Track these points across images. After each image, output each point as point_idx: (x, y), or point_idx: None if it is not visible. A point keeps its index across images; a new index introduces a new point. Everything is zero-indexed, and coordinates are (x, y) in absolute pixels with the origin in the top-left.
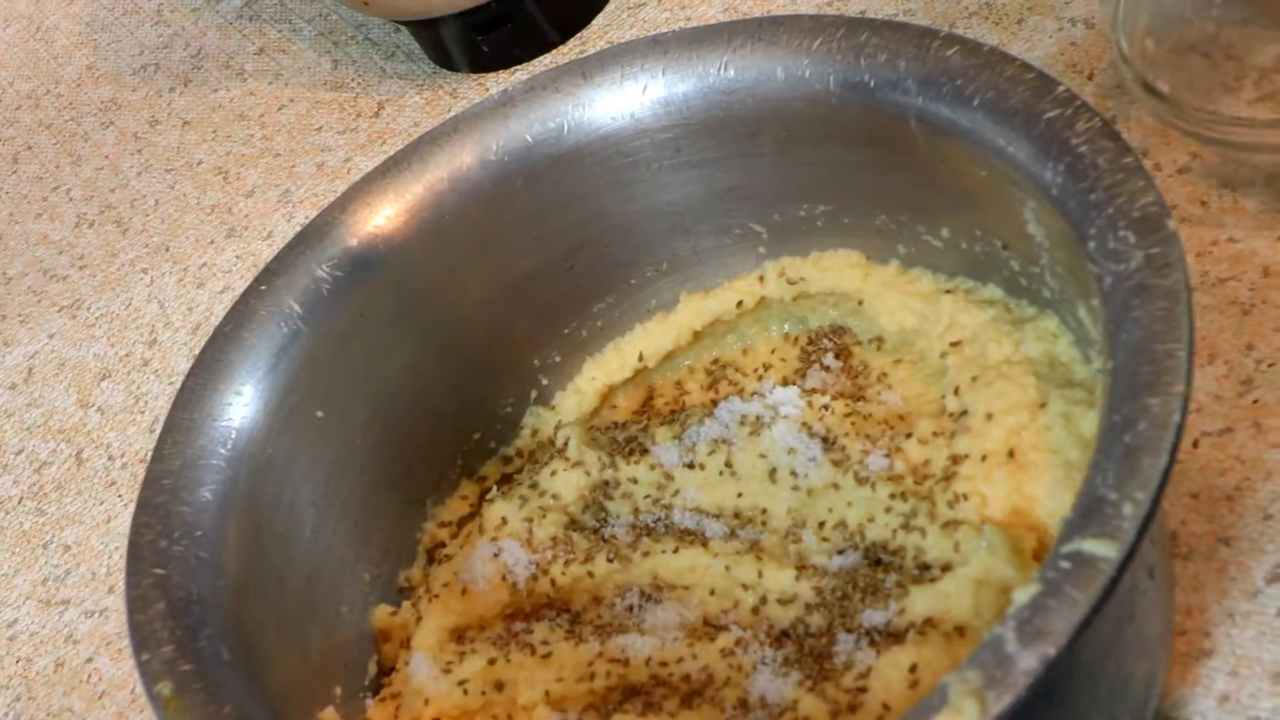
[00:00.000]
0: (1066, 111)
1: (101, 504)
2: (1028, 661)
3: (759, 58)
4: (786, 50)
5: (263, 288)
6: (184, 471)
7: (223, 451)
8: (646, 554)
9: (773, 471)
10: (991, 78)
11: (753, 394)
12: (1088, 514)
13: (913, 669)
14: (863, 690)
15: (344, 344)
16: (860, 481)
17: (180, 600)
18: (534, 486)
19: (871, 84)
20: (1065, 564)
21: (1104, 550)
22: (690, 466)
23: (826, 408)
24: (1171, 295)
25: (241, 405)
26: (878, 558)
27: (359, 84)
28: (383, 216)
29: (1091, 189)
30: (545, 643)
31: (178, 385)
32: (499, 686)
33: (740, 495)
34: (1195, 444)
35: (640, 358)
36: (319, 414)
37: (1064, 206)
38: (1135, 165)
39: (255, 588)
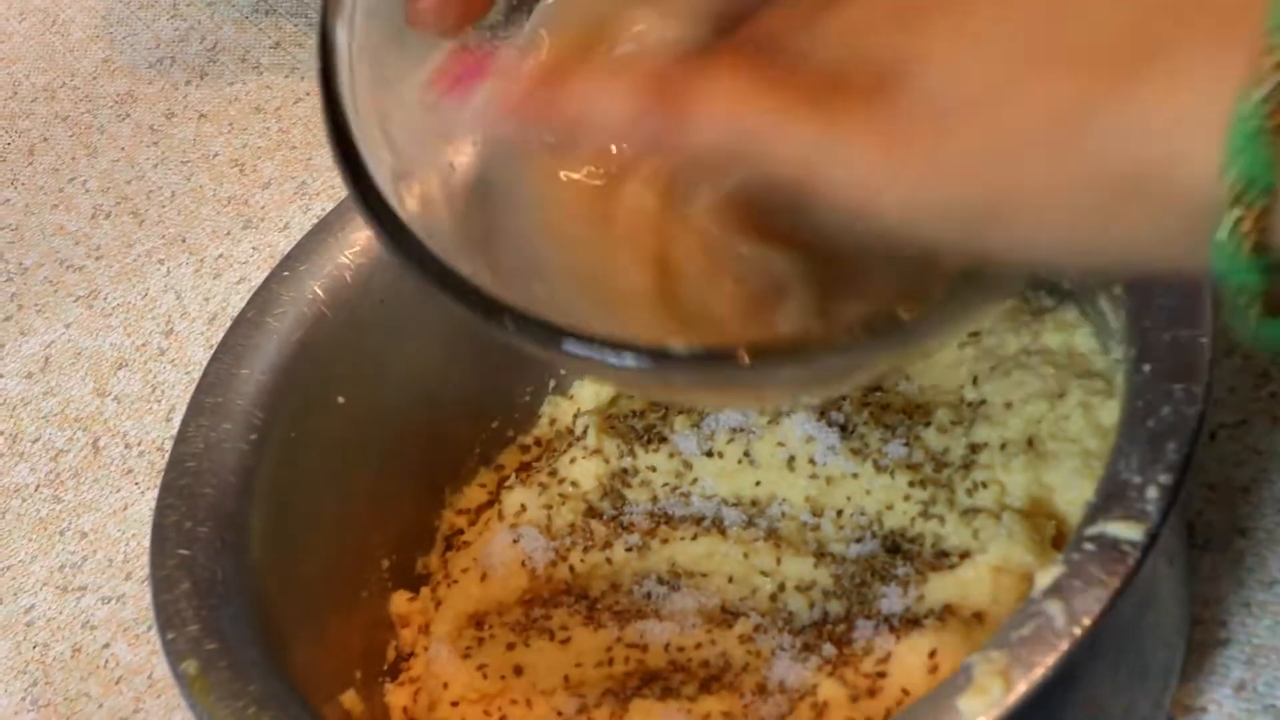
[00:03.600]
0: None
1: (118, 491)
2: (1053, 642)
3: None
4: None
5: (285, 274)
6: (208, 454)
7: (246, 435)
8: (665, 541)
9: (791, 460)
10: None
11: None
12: (1111, 497)
13: (932, 654)
14: (882, 675)
15: (365, 331)
16: (879, 470)
17: (205, 581)
18: (553, 474)
19: None
20: (1090, 546)
21: (1129, 533)
22: (709, 455)
23: (844, 397)
24: (1194, 284)
25: (264, 390)
26: (896, 545)
27: None
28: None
29: None
30: (564, 628)
31: (194, 375)
32: (518, 671)
33: (758, 483)
34: (1213, 436)
35: None
36: (340, 400)
37: None
38: None
39: (278, 571)
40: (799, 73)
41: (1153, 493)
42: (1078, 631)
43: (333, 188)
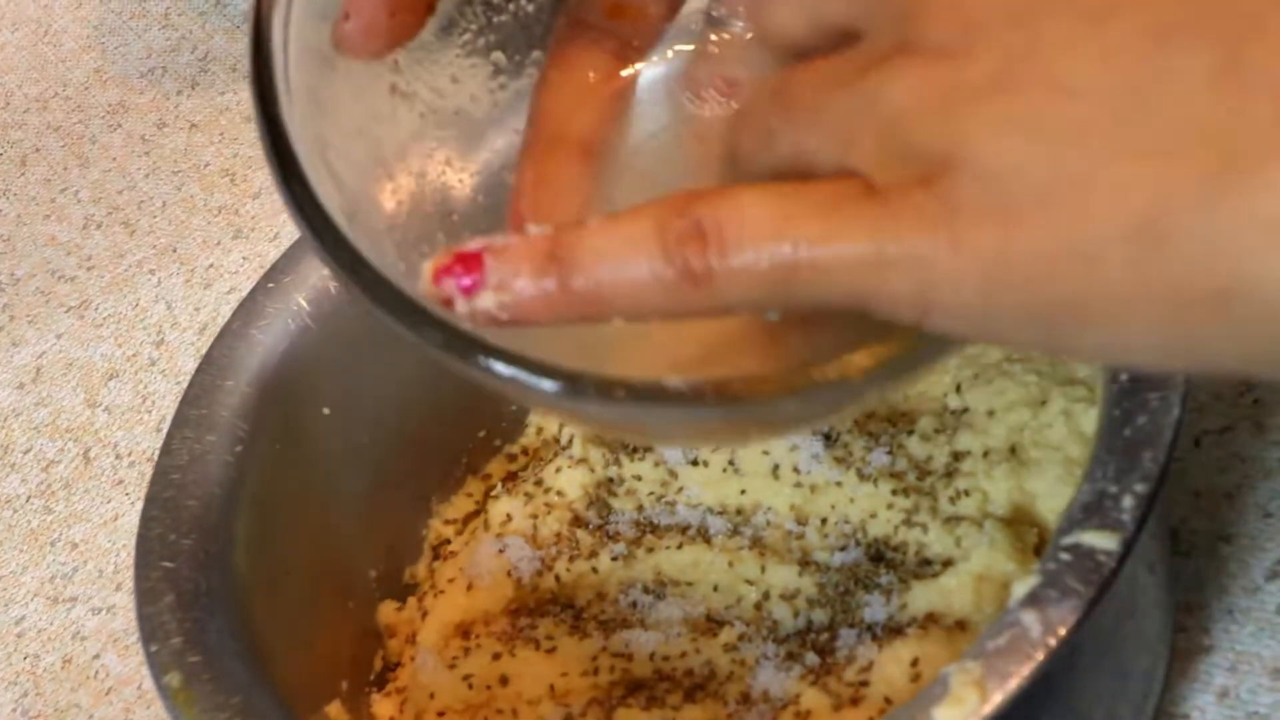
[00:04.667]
0: None
1: (109, 502)
2: (1028, 652)
3: None
4: None
5: (270, 285)
6: (193, 466)
7: (231, 447)
8: (650, 550)
9: (775, 468)
10: None
11: None
12: (1088, 506)
13: (914, 663)
14: (865, 684)
15: (351, 342)
16: (862, 478)
17: (189, 593)
18: (539, 483)
19: None
20: (1065, 555)
21: (1104, 542)
22: (694, 463)
23: None
24: None
25: (249, 401)
26: (879, 553)
27: None
28: None
29: None
30: (550, 638)
31: (185, 385)
32: (504, 681)
33: (743, 492)
34: (1196, 442)
35: None
36: (326, 411)
37: None
38: None
39: (263, 582)
40: (837, 176)
41: (1129, 502)
42: (1053, 642)
43: None
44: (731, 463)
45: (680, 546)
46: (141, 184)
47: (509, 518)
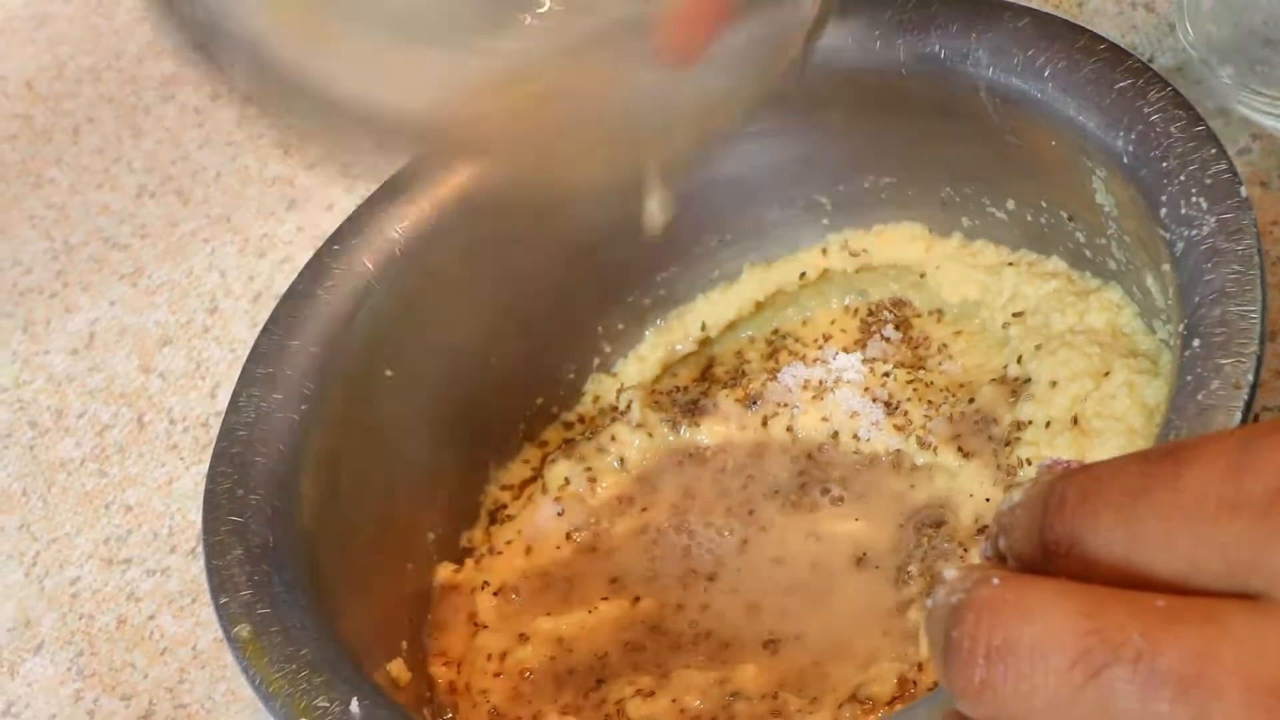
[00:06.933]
0: (1138, 81)
1: (163, 466)
2: None
3: (830, 28)
4: (858, 21)
5: (336, 247)
6: (259, 423)
7: (297, 405)
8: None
9: (835, 435)
10: (1063, 49)
11: (815, 360)
12: None
13: None
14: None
15: (414, 305)
16: (922, 446)
17: (257, 547)
18: (597, 448)
19: (943, 55)
20: None
21: None
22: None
23: (888, 375)
24: (1244, 259)
25: (315, 361)
26: (940, 519)
27: None
28: (454, 181)
29: (1164, 156)
30: (605, 599)
31: (238, 352)
32: (559, 641)
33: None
34: (1256, 419)
35: (703, 327)
36: (388, 373)
37: (1135, 174)
38: (1207, 133)
39: (327, 540)
40: None
41: None
42: None
43: (376, 168)
44: (790, 429)
45: None
46: (195, 154)
47: (567, 481)
